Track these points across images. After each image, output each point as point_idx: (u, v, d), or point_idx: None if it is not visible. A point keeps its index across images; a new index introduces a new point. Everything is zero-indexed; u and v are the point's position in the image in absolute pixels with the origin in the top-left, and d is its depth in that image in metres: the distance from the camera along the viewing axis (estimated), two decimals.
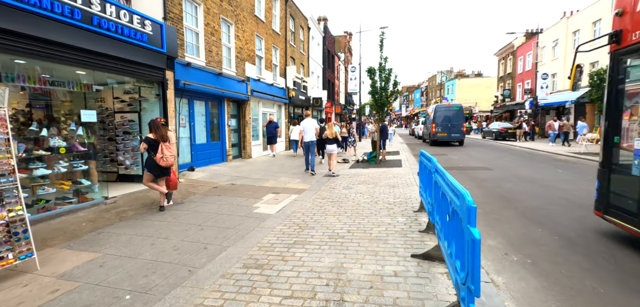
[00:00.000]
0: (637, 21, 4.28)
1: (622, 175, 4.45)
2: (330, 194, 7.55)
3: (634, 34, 4.31)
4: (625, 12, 4.51)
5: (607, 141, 4.70)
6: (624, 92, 4.51)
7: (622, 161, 4.49)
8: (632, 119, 4.40)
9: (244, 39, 13.96)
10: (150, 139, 6.04)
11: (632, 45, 4.32)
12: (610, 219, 4.64)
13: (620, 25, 4.58)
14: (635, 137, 4.24)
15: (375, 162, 12.80)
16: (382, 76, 12.42)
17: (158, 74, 8.35)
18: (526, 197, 7.36)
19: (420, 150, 5.80)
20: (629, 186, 4.28)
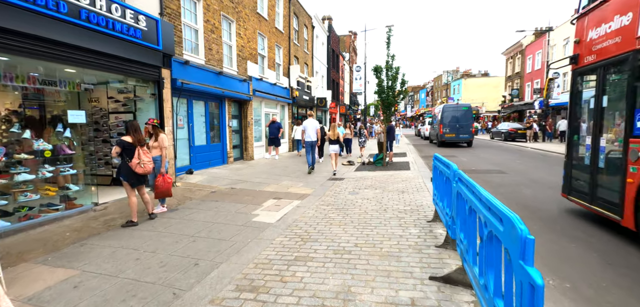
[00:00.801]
0: (588, 48, 5.58)
1: (579, 165, 5.86)
2: (335, 200, 7.04)
3: (585, 57, 5.67)
4: (581, 41, 5.80)
5: (570, 139, 6.08)
6: (580, 101, 5.97)
7: (579, 154, 5.90)
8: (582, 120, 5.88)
9: (246, 37, 13.51)
10: (125, 143, 5.45)
11: (585, 66, 5.70)
12: (571, 199, 5.98)
13: (578, 50, 5.88)
14: (587, 136, 5.64)
15: (381, 164, 12.27)
16: (389, 75, 11.90)
17: (153, 73, 7.91)
18: (549, 205, 6.79)
19: (435, 155, 5.27)
20: (582, 174, 5.71)
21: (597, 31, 5.39)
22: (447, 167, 4.07)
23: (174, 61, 8.93)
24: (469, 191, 2.73)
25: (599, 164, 5.29)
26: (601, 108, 5.30)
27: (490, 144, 23.93)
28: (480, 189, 2.44)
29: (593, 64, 5.48)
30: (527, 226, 1.61)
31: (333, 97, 31.33)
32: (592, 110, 5.51)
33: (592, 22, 5.53)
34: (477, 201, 2.45)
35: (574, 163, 5.97)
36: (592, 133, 5.46)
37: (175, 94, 9.08)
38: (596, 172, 5.33)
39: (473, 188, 2.57)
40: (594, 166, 5.38)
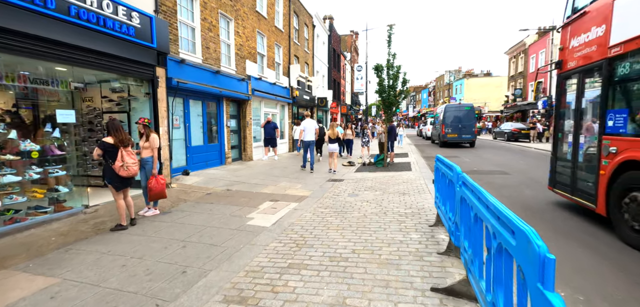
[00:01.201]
0: (571, 55, 6.06)
1: (562, 160, 6.38)
2: (334, 202, 6.82)
3: (568, 63, 6.16)
4: (564, 48, 6.30)
5: (555, 137, 6.68)
6: (568, 101, 6.34)
7: (562, 151, 6.43)
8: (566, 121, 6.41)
9: (245, 35, 13.30)
10: (106, 144, 5.21)
11: (567, 71, 6.22)
12: (556, 191, 6.49)
13: (562, 57, 6.38)
14: (568, 134, 6.22)
15: (382, 165, 12.03)
16: (390, 74, 11.66)
17: (147, 71, 7.70)
18: (552, 207, 6.54)
19: (437, 156, 5.03)
20: (565, 168, 6.22)
21: (578, 40, 5.93)
22: (449, 169, 3.83)
23: (170, 60, 8.72)
24: (474, 197, 2.50)
25: (578, 159, 5.88)
26: (580, 109, 5.88)
27: (493, 144, 23.63)
28: (488, 196, 2.20)
29: (574, 70, 6.04)
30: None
31: (334, 97, 31.09)
32: (573, 111, 6.09)
33: (574, 32, 6.07)
34: (484, 208, 2.21)
35: (558, 159, 6.54)
36: (573, 131, 6.03)
37: (170, 93, 8.88)
38: (576, 166, 5.91)
39: (479, 194, 2.34)
40: (575, 161, 5.95)
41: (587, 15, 5.68)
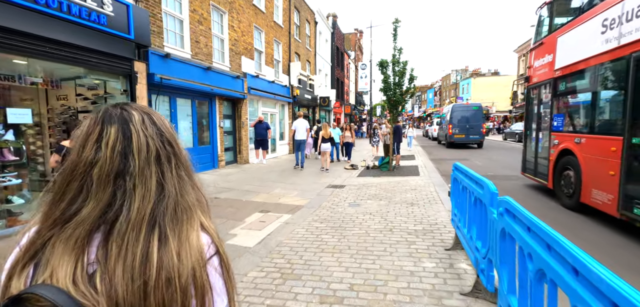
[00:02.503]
0: (534, 72, 7.91)
1: (529, 151, 8.19)
2: (332, 215, 5.93)
3: (533, 79, 7.98)
4: (531, 67, 8.09)
5: (525, 134, 8.58)
6: (532, 107, 8.12)
7: (529, 144, 8.22)
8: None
9: (240, 30, 12.46)
10: (65, 149, 4.40)
11: (532, 85, 8.04)
12: (526, 175, 8.38)
13: (529, 73, 8.22)
14: (532, 131, 8.05)
15: (387, 169, 11.12)
16: (396, 70, 10.75)
17: (123, 65, 6.88)
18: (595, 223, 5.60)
19: (455, 164, 4.13)
20: (530, 157, 8.08)
21: (538, 62, 7.84)
22: (477, 184, 2.92)
23: (152, 54, 7.90)
24: (536, 242, 1.58)
25: (539, 150, 7.76)
26: (539, 113, 7.81)
27: (502, 145, 22.58)
28: (558, 236, 1.30)
29: (535, 84, 7.95)
30: None
31: (337, 97, 30.20)
32: (536, 115, 7.96)
33: (536, 56, 7.98)
34: (556, 261, 1.32)
35: (526, 151, 8.50)
36: (536, 130, 7.96)
37: (153, 90, 8.06)
38: (537, 155, 7.82)
39: (550, 239, 1.42)
40: (536, 152, 7.87)
41: (543, 45, 7.63)
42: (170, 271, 0.58)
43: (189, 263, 0.61)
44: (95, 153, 0.61)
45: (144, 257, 0.58)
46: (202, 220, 0.69)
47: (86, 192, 0.60)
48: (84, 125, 0.67)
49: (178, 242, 0.61)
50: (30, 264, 0.57)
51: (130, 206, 0.60)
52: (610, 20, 5.30)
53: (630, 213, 4.67)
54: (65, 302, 0.50)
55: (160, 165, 0.65)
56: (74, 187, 0.61)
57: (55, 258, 0.56)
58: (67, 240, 0.57)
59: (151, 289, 0.56)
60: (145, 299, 0.56)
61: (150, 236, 0.59)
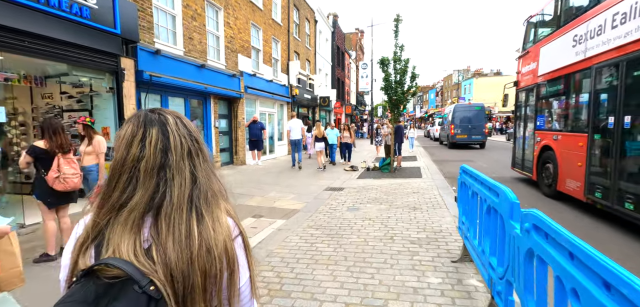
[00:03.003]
0: (522, 77, 8.93)
1: (517, 148, 9.25)
2: (329, 220, 5.53)
3: (520, 83, 9.03)
4: (519, 72, 9.17)
5: (514, 132, 9.74)
6: (520, 109, 9.11)
7: (517, 142, 9.27)
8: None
9: (237, 27, 12.09)
10: (38, 150, 4.02)
11: (519, 89, 9.13)
12: (515, 169, 9.40)
13: (517, 78, 9.30)
14: (520, 130, 9.17)
15: (388, 170, 10.71)
16: (398, 68, 10.35)
17: (109, 62, 6.51)
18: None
19: (462, 166, 3.74)
20: (518, 153, 9.10)
21: (525, 68, 8.73)
22: (492, 192, 2.52)
23: (141, 50, 7.53)
24: (586, 276, 1.19)
25: (525, 147, 8.64)
26: (526, 114, 8.68)
27: (505, 146, 22.11)
28: (606, 260, 0.91)
29: (522, 88, 8.89)
30: None
31: (338, 97, 29.81)
32: (523, 115, 8.86)
33: (523, 63, 8.88)
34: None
35: (516, 148, 9.42)
36: (523, 128, 8.86)
37: (142, 88, 7.69)
38: (524, 151, 8.71)
39: (613, 276, 1.03)
40: (523, 148, 8.78)
41: (529, 53, 8.50)
42: (209, 242, 0.71)
43: (222, 237, 0.74)
44: (141, 151, 0.73)
45: (188, 232, 0.70)
46: (225, 205, 0.80)
47: (135, 182, 0.72)
48: (127, 128, 0.77)
49: (212, 221, 0.74)
50: (92, 246, 0.70)
51: (171, 192, 0.72)
52: (579, 35, 6.24)
53: (593, 196, 5.69)
54: (132, 270, 0.62)
55: (191, 159, 0.77)
56: (124, 179, 0.72)
57: (115, 238, 0.68)
58: (124, 222, 0.69)
59: (195, 257, 0.69)
60: (192, 266, 0.68)
61: (190, 215, 0.72)
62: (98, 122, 6.98)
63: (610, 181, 5.23)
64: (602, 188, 5.44)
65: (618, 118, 5.11)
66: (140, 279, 0.61)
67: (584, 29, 6.02)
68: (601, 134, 5.60)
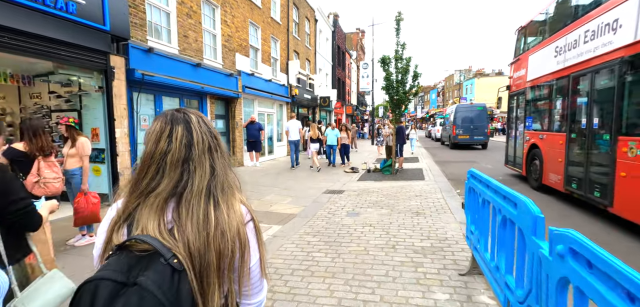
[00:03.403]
0: (514, 82, 9.70)
1: (510, 146, 10.03)
2: (327, 226, 5.24)
3: (512, 88, 9.80)
4: (511, 78, 9.96)
5: (507, 133, 10.57)
6: (512, 111, 9.83)
7: (510, 141, 10.04)
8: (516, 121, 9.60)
9: (234, 25, 11.80)
10: (16, 153, 3.76)
11: (512, 93, 9.81)
12: (508, 166, 10.15)
13: (510, 83, 10.10)
14: (512, 130, 9.95)
15: (390, 172, 10.41)
16: (399, 67, 10.05)
17: (97, 60, 6.23)
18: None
19: (470, 171, 3.44)
20: (511, 151, 9.92)
21: (516, 74, 9.48)
22: (508, 202, 2.22)
23: (133, 47, 7.25)
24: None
25: (516, 145, 9.40)
26: (517, 115, 9.39)
27: None
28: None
29: (514, 92, 9.59)
30: None
31: (339, 97, 29.52)
32: (515, 117, 9.56)
33: (515, 69, 9.60)
34: None
35: (508, 146, 10.17)
36: (515, 129, 9.54)
37: (134, 87, 7.41)
38: (516, 149, 9.43)
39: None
40: (515, 146, 9.50)
41: (519, 60, 9.25)
42: (223, 226, 0.82)
43: (235, 222, 0.84)
44: (168, 145, 0.83)
45: (205, 216, 0.80)
46: (239, 195, 0.92)
47: (162, 172, 0.82)
48: (155, 125, 0.87)
49: (227, 208, 0.85)
50: (124, 225, 0.80)
51: (193, 182, 0.82)
52: (559, 47, 7.08)
53: (570, 187, 6.57)
54: (158, 245, 0.73)
55: (211, 153, 0.88)
56: (152, 169, 0.82)
57: (143, 218, 0.79)
58: (151, 206, 0.80)
59: (211, 238, 0.79)
60: (208, 245, 0.78)
61: (207, 202, 0.82)
62: (87, 123, 6.73)
63: (583, 174, 6.12)
64: (577, 180, 6.34)
65: (589, 120, 6.03)
66: (165, 252, 0.72)
67: (563, 41, 6.88)
68: (576, 134, 6.51)
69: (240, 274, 0.84)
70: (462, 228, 4.88)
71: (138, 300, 0.63)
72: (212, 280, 0.77)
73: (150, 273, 0.67)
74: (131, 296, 0.64)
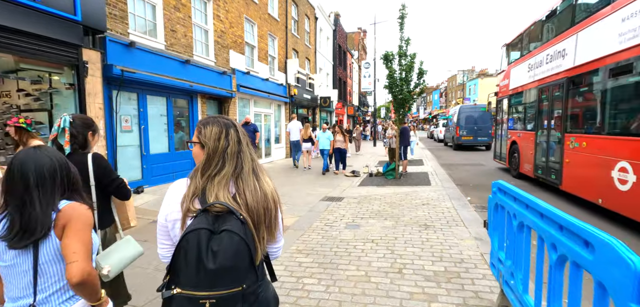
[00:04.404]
0: (500, 89, 11.49)
1: (497, 142, 11.88)
2: (323, 241, 4.57)
3: (499, 94, 11.55)
4: (499, 85, 11.74)
5: (495, 131, 12.40)
6: (499, 113, 11.67)
7: (497, 139, 11.84)
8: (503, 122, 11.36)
9: (228, 21, 11.16)
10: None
11: (499, 98, 11.60)
12: (495, 160, 12.04)
13: (497, 89, 11.90)
14: (499, 129, 11.79)
15: (393, 176, 9.73)
16: (403, 64, 9.37)
17: (67, 53, 5.58)
18: None
19: (498, 184, 2.75)
20: (498, 146, 11.74)
21: (502, 83, 11.36)
22: (574, 239, 1.53)
23: (111, 41, 6.61)
24: None
25: (503, 142, 11.07)
26: (502, 118, 11.24)
27: None
28: None
29: (500, 98, 11.44)
30: None
31: (340, 97, 28.86)
32: (500, 118, 11.46)
33: (501, 78, 11.58)
34: None
35: (496, 143, 11.98)
36: (501, 128, 11.37)
37: (113, 85, 6.76)
38: (502, 146, 11.14)
39: None
40: (501, 143, 11.28)
41: (504, 72, 11.14)
42: (265, 191, 1.22)
43: (270, 189, 1.25)
44: (227, 142, 1.20)
45: (255, 187, 1.19)
46: (266, 174, 1.31)
47: (224, 161, 1.18)
48: (211, 128, 1.22)
49: (264, 181, 1.24)
50: (196, 198, 1.13)
51: (243, 166, 1.20)
52: (531, 64, 8.88)
53: (537, 173, 8.32)
54: (230, 207, 1.10)
55: (249, 147, 1.26)
56: (216, 159, 1.18)
57: (214, 192, 1.13)
58: (219, 183, 1.15)
59: (261, 199, 1.18)
60: (258, 204, 1.17)
61: (254, 178, 1.21)
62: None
63: (544, 163, 8.00)
64: (541, 167, 8.18)
65: (549, 122, 7.90)
66: (236, 211, 1.10)
67: (534, 60, 8.71)
68: (541, 133, 8.29)
69: (273, 225, 1.24)
70: (479, 246, 4.20)
71: (229, 238, 1.03)
72: (261, 227, 1.17)
73: (231, 224, 1.06)
74: (224, 237, 1.03)
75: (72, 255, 1.21)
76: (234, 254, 1.01)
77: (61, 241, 1.24)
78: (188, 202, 1.11)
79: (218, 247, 1.00)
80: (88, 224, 1.30)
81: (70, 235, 1.23)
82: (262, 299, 1.14)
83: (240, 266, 1.03)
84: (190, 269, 1.00)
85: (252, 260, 1.06)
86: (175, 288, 1.03)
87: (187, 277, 1.01)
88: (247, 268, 1.05)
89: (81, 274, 1.20)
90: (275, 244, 1.30)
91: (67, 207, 1.27)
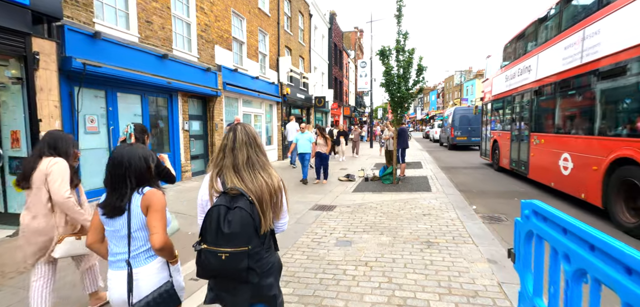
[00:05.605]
0: (485, 95, 13.26)
1: (483, 143, 13.43)
2: (308, 265, 3.83)
3: (484, 99, 13.44)
4: (483, 91, 13.73)
5: (481, 133, 13.93)
6: (484, 116, 13.39)
7: (483, 139, 13.50)
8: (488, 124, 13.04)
9: (213, 13, 10.39)
10: None
11: (484, 103, 13.44)
12: (482, 157, 13.59)
13: (483, 96, 13.73)
14: (485, 130, 13.34)
15: (390, 181, 9.00)
16: (401, 60, 8.65)
17: (13, 43, 4.79)
18: None
19: (534, 206, 2.02)
20: (483, 146, 13.38)
21: (486, 89, 13.13)
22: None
23: (70, 30, 5.83)
24: None
25: (487, 141, 12.73)
26: (487, 120, 12.87)
27: None
28: None
29: (485, 102, 13.16)
30: None
31: (335, 97, 28.11)
32: (485, 121, 13.11)
33: (485, 85, 13.35)
34: None
35: (482, 143, 13.57)
36: (485, 129, 13.00)
37: (73, 80, 5.98)
38: (486, 144, 12.79)
39: None
40: (486, 142, 12.91)
41: (488, 80, 12.91)
42: (268, 182, 1.58)
43: (276, 180, 1.62)
44: (226, 141, 1.62)
45: (251, 176, 1.56)
46: (273, 170, 1.66)
47: (224, 155, 1.60)
48: (226, 132, 1.65)
49: (269, 174, 1.61)
50: (218, 179, 1.58)
51: (238, 159, 1.56)
52: (508, 75, 10.48)
53: (512, 166, 9.99)
54: (242, 190, 1.50)
55: (247, 146, 1.60)
56: (220, 153, 1.62)
57: (229, 178, 1.54)
58: (230, 171, 1.56)
59: (264, 186, 1.56)
60: (262, 190, 1.54)
61: (251, 170, 1.57)
62: (6, 124, 5.29)
63: (517, 157, 9.55)
64: (514, 161, 9.75)
65: (519, 124, 9.54)
66: (246, 193, 1.48)
67: (510, 72, 10.28)
68: (514, 132, 9.89)
69: (278, 209, 1.63)
70: (495, 272, 3.47)
71: (240, 212, 1.42)
72: (267, 208, 1.54)
73: (242, 203, 1.45)
74: (236, 212, 1.42)
75: (154, 228, 1.70)
76: (242, 224, 1.43)
77: (146, 217, 1.72)
78: (211, 188, 1.59)
79: (232, 218, 1.43)
80: (164, 205, 1.79)
81: (152, 213, 1.71)
82: (266, 261, 1.55)
83: (246, 232, 1.44)
84: (212, 232, 1.44)
85: (256, 230, 1.47)
86: (203, 244, 1.46)
87: (210, 237, 1.44)
88: (252, 235, 1.45)
89: (161, 242, 1.68)
90: (279, 221, 1.68)
91: (149, 192, 1.74)
